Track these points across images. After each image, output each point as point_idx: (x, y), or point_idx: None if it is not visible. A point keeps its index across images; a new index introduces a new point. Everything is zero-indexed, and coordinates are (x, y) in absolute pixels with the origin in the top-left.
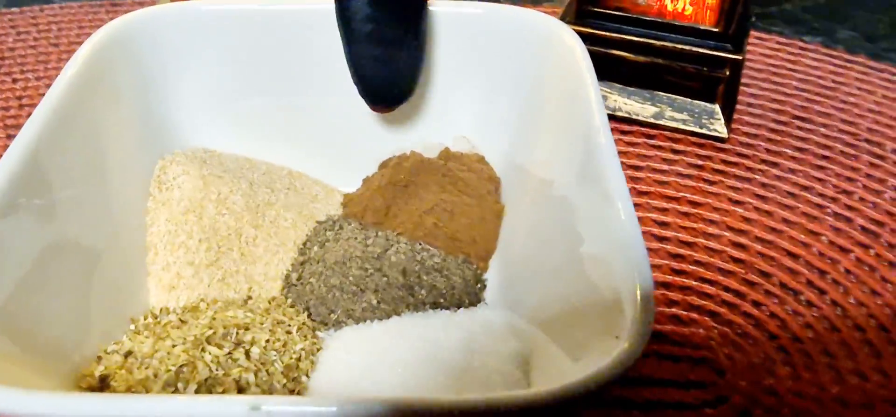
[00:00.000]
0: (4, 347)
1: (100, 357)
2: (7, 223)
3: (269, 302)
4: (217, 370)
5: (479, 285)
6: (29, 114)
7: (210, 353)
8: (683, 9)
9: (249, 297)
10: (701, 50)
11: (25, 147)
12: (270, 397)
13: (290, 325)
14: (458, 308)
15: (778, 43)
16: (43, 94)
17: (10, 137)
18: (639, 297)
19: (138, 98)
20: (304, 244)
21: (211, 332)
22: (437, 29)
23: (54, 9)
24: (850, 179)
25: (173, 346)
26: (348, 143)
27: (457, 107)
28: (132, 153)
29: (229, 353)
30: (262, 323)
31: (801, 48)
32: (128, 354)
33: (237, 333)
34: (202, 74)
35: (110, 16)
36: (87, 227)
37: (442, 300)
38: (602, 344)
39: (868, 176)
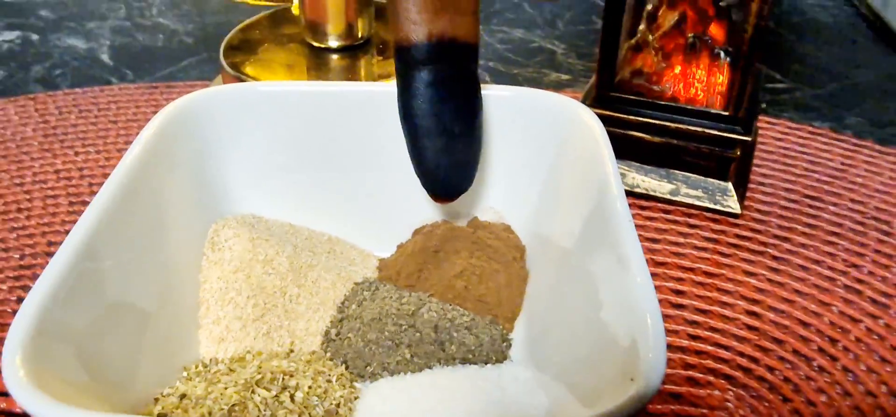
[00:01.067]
0: (83, 380)
1: (157, 400)
2: (80, 282)
3: (310, 355)
4: (265, 411)
5: (505, 344)
6: (89, 184)
7: (259, 395)
8: (696, 94)
9: (292, 350)
10: (713, 132)
11: (95, 216)
12: None
13: (329, 375)
14: (486, 364)
15: (788, 127)
16: (102, 167)
17: (72, 204)
18: (651, 343)
19: (196, 169)
20: (343, 303)
21: (260, 377)
22: None
23: (114, 89)
24: (859, 254)
25: (225, 388)
26: (384, 212)
27: (485, 181)
28: (189, 218)
29: (276, 396)
30: (304, 372)
31: (810, 132)
32: (183, 396)
33: (283, 378)
34: (253, 148)
35: (164, 96)
36: (147, 285)
37: (471, 356)
38: (619, 389)
39: (876, 251)
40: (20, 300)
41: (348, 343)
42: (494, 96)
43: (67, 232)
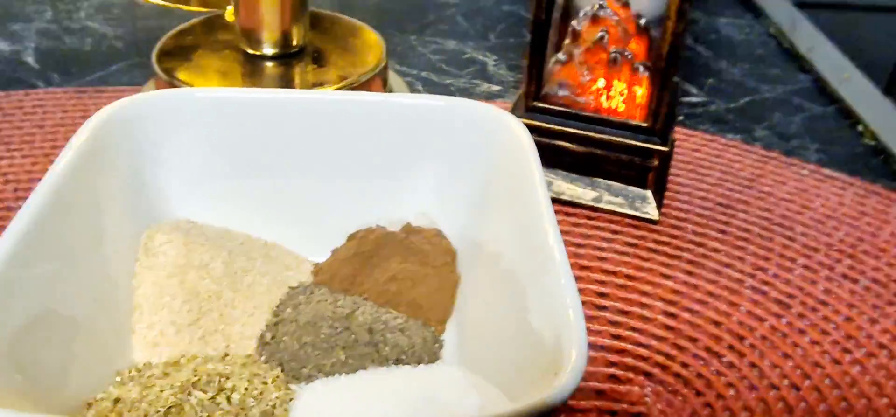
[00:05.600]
0: (12, 383)
1: (90, 404)
2: (7, 289)
3: (246, 359)
4: (202, 412)
5: (437, 345)
6: (14, 190)
7: (196, 397)
8: (617, 106)
9: (227, 354)
10: (632, 142)
11: (25, 224)
12: None
13: (265, 377)
14: (419, 364)
15: (703, 138)
16: (28, 172)
17: None
18: (574, 339)
19: (130, 175)
20: (278, 306)
21: (195, 379)
22: (400, 119)
23: (39, 93)
24: (765, 258)
25: (161, 391)
26: (319, 218)
27: (418, 187)
28: (123, 223)
29: (213, 397)
30: (240, 375)
31: (723, 144)
32: (116, 401)
33: (219, 381)
34: (189, 154)
35: (94, 101)
36: (79, 291)
37: (404, 357)
38: (544, 385)
39: (781, 255)
40: None
41: (284, 345)
42: (428, 106)
43: None
